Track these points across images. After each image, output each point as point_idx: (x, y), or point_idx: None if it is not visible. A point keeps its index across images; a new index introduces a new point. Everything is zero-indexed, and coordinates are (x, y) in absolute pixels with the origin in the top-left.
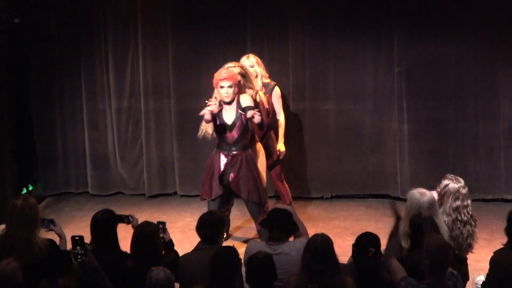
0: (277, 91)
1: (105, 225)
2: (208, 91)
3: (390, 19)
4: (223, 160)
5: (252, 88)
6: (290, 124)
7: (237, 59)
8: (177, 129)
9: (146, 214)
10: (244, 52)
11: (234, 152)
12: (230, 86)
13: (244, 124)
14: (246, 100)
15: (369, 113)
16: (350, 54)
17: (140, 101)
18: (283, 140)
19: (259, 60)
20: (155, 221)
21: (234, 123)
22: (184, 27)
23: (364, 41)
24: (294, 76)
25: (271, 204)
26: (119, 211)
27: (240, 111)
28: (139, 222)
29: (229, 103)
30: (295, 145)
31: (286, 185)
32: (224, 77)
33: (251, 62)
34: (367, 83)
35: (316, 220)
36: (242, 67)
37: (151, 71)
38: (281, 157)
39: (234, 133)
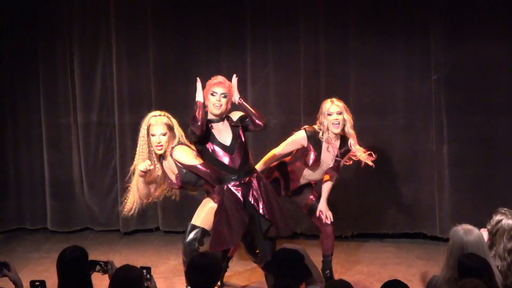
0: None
1: (76, 265)
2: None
3: (426, 13)
4: (236, 191)
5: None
6: None
7: (234, 62)
8: None
9: (120, 256)
10: (242, 55)
11: (245, 178)
12: (224, 95)
13: (244, 140)
14: (236, 114)
15: (400, 131)
16: (376, 57)
17: (113, 114)
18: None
19: (344, 104)
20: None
21: (233, 142)
22: (169, 23)
23: (394, 41)
24: (306, 85)
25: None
26: (89, 255)
27: (235, 125)
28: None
29: (220, 120)
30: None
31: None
32: (220, 81)
33: (338, 108)
34: (398, 93)
35: (333, 264)
36: (169, 117)
37: (127, 78)
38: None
39: (237, 157)
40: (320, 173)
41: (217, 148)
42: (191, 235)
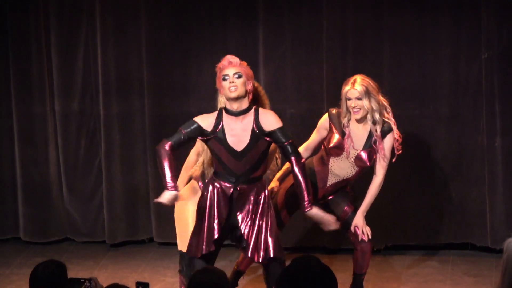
0: (393, 137)
1: (51, 284)
2: (201, 88)
3: None
4: (224, 194)
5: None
6: None
7: (243, 39)
8: (154, 143)
9: (107, 272)
10: (253, 29)
11: (242, 186)
12: (238, 75)
13: (263, 149)
14: (270, 118)
15: (444, 121)
16: (416, 32)
17: (98, 102)
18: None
19: (371, 84)
20: (123, 282)
21: (246, 150)
22: None
23: (437, 14)
24: (330, 65)
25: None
26: (68, 268)
27: (259, 132)
28: (101, 284)
29: (240, 113)
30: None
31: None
32: (230, 61)
33: (357, 92)
34: (441, 76)
35: (365, 282)
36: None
37: (114, 57)
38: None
39: (245, 164)
40: (349, 166)
41: (222, 150)
42: (185, 267)
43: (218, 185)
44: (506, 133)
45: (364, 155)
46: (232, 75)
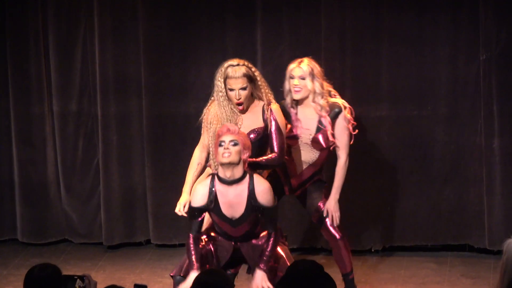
0: (345, 117)
1: (46, 286)
2: (199, 89)
3: None
4: (222, 248)
5: (261, 99)
6: None
7: (240, 39)
8: (152, 144)
9: (105, 273)
10: (251, 30)
11: (242, 243)
12: (234, 143)
13: (258, 217)
14: (265, 196)
15: (442, 122)
16: (414, 33)
17: (95, 102)
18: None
19: (317, 67)
20: (120, 284)
21: (242, 219)
22: None
23: (436, 14)
24: (328, 66)
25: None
26: (65, 270)
27: (254, 202)
28: (95, 280)
29: (233, 182)
30: (329, 171)
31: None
32: (229, 128)
33: (302, 71)
34: (439, 77)
35: (362, 283)
36: (249, 67)
37: (112, 58)
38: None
39: (241, 229)
40: (310, 150)
41: (217, 219)
42: None
43: (216, 236)
44: (504, 134)
45: (320, 137)
46: (228, 142)
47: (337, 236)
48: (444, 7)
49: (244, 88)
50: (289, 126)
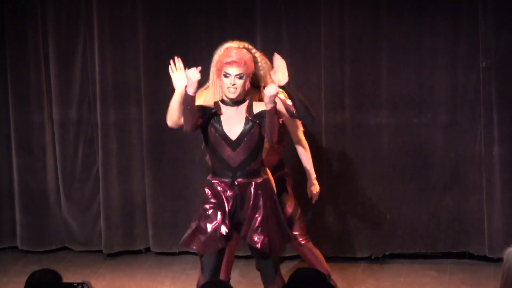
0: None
1: None
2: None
3: None
4: (224, 192)
5: (261, 80)
6: (321, 146)
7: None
8: (151, 152)
9: (104, 281)
10: (251, 37)
11: (241, 180)
12: (240, 76)
13: (257, 138)
14: (261, 105)
15: (442, 130)
16: (414, 40)
17: (95, 110)
18: (314, 175)
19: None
20: None
21: (240, 139)
22: (162, 1)
23: (435, 22)
24: (328, 73)
25: (289, 268)
26: (65, 277)
27: (252, 120)
28: None
29: (235, 103)
30: (329, 178)
31: (315, 248)
32: (234, 60)
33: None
34: (439, 84)
35: None
36: (249, 49)
37: (112, 66)
38: (313, 201)
39: (240, 153)
40: None
41: (218, 138)
42: None
43: (216, 183)
44: (504, 141)
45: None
46: (234, 76)
47: (302, 241)
48: (444, 14)
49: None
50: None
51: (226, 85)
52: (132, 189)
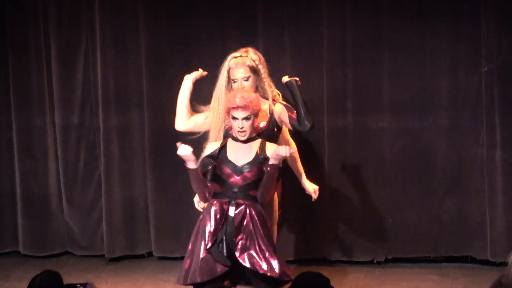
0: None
1: None
2: (200, 101)
3: None
4: (220, 211)
5: (265, 92)
6: (323, 150)
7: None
8: (153, 157)
9: (107, 285)
10: (253, 42)
11: (240, 201)
12: (246, 118)
13: (260, 177)
14: (273, 146)
15: (444, 134)
16: (415, 44)
17: (97, 114)
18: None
19: (261, 58)
20: None
21: (245, 167)
22: (163, 3)
23: (437, 25)
24: (330, 77)
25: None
26: (67, 282)
27: (262, 157)
28: None
29: (245, 141)
30: (331, 182)
31: None
32: (238, 105)
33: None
34: (441, 88)
35: None
36: (253, 59)
37: (114, 70)
38: (313, 199)
39: (243, 179)
40: None
41: (224, 168)
42: None
43: (216, 203)
44: (506, 145)
45: None
46: (242, 120)
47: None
48: (445, 18)
49: (246, 79)
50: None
51: (235, 128)
52: (134, 193)
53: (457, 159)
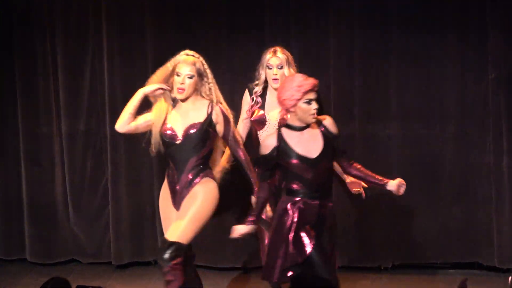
0: None
1: None
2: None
3: (482, 1)
4: (310, 214)
5: (207, 96)
6: None
7: (248, 58)
8: (160, 164)
9: None
10: (259, 49)
11: (327, 203)
12: (190, 76)
13: (332, 157)
14: (331, 122)
15: (451, 141)
16: (423, 52)
17: (104, 122)
18: None
19: (290, 55)
20: None
21: (320, 156)
22: (169, 12)
23: (444, 34)
24: (337, 84)
25: None
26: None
27: (329, 135)
28: None
29: (302, 128)
30: (338, 188)
31: None
32: (309, 90)
33: (278, 60)
34: (448, 96)
35: None
36: (203, 63)
37: (121, 78)
38: None
39: (321, 170)
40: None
41: (295, 161)
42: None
43: (302, 206)
44: None
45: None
46: (313, 102)
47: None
48: (452, 27)
49: (190, 77)
50: (254, 109)
51: (307, 111)
52: (141, 200)
53: (465, 166)
